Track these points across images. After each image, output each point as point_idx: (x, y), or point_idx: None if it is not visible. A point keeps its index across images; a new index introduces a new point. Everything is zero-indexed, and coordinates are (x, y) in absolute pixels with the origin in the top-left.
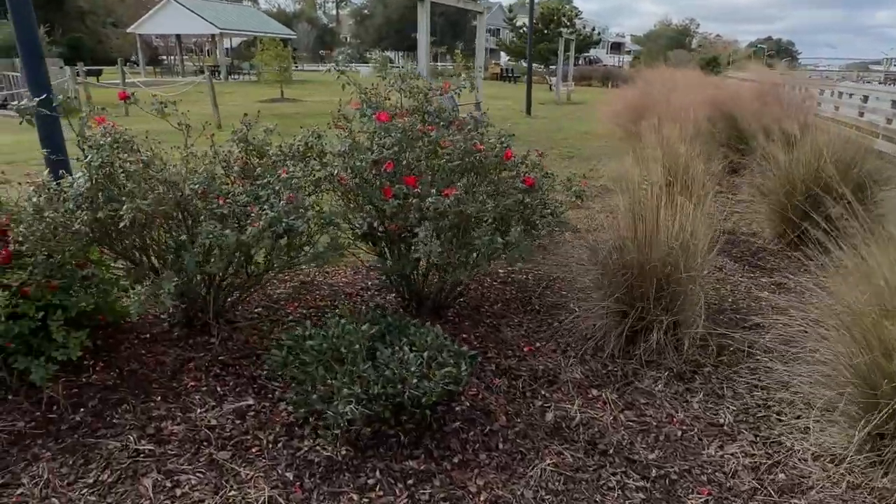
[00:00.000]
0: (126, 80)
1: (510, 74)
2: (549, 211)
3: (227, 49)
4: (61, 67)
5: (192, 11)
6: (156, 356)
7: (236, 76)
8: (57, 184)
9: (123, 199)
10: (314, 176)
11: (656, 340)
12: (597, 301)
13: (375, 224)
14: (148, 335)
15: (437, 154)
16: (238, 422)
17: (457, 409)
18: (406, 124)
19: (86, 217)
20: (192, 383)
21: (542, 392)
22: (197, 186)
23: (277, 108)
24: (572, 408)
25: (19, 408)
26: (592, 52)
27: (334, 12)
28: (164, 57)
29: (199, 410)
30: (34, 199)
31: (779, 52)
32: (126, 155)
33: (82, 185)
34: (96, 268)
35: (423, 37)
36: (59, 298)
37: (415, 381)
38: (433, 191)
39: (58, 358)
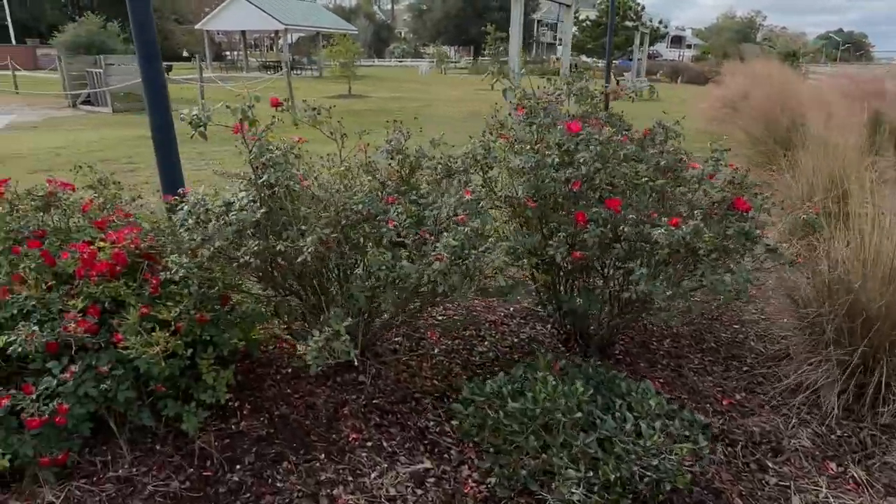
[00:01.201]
0: (203, 76)
1: (575, 69)
2: (768, 243)
3: (284, 44)
4: None
5: (259, 7)
6: (304, 397)
7: (297, 71)
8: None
9: (294, 225)
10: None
11: None
12: (801, 345)
13: (558, 253)
14: (289, 370)
15: (637, 173)
16: (419, 492)
17: (681, 487)
18: (602, 135)
19: (256, 247)
20: (354, 435)
21: (769, 464)
22: (360, 206)
23: (347, 104)
24: (818, 490)
25: (170, 461)
26: (653, 46)
27: (389, 7)
28: (227, 53)
29: (371, 475)
30: (189, 221)
31: (851, 44)
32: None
33: (256, 210)
34: (242, 297)
35: (515, 30)
36: (208, 333)
37: (655, 462)
38: (663, 219)
39: (206, 401)
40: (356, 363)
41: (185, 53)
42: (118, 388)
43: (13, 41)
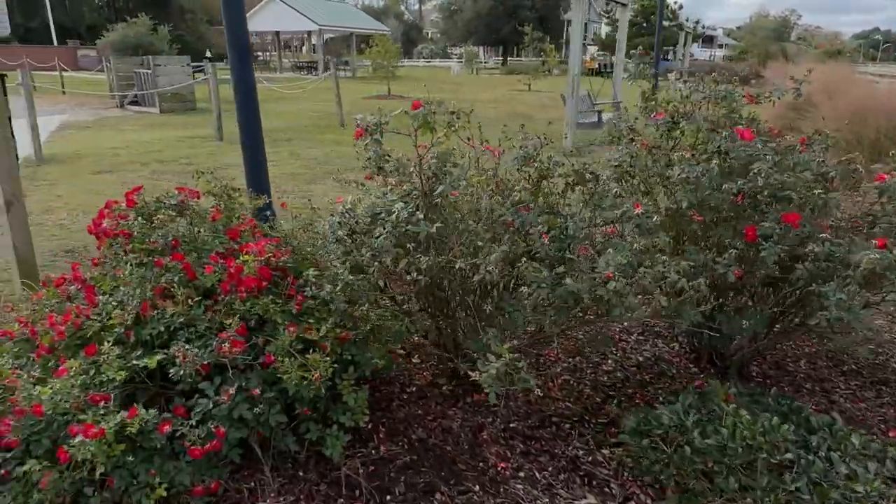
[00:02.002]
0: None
1: (608, 70)
2: None
3: (314, 46)
4: (188, 65)
5: (294, 8)
6: (437, 419)
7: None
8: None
9: (459, 238)
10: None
11: None
12: None
13: (729, 271)
14: (413, 388)
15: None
16: None
17: None
18: (777, 145)
19: (426, 263)
20: (502, 464)
21: None
22: (507, 217)
23: (388, 104)
24: None
25: (317, 490)
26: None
27: (416, 7)
28: (259, 53)
29: None
30: (340, 233)
31: (890, 43)
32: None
33: (418, 222)
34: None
35: (577, 28)
36: (350, 352)
37: None
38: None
39: (345, 424)
40: (535, 391)
41: (207, 53)
42: (269, 411)
43: (55, 42)
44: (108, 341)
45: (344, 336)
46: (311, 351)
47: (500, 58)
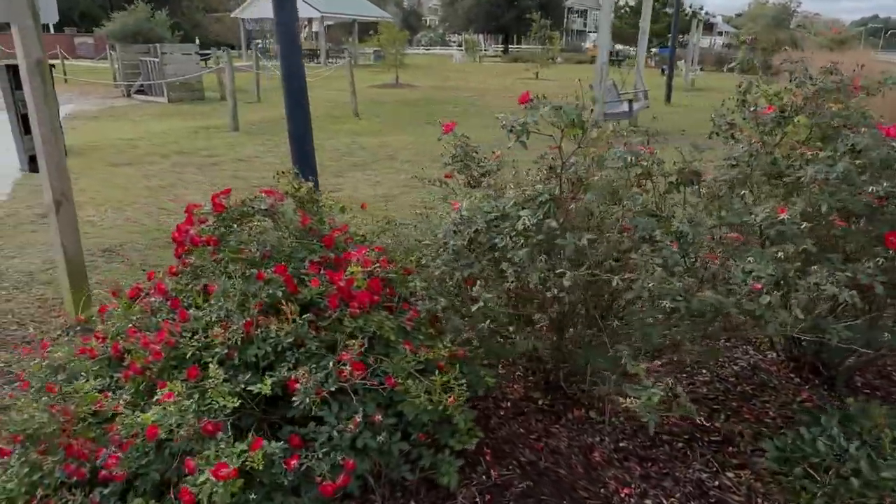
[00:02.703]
0: (260, 65)
1: (615, 58)
2: None
3: (314, 33)
4: (197, 53)
5: None
6: (541, 438)
7: (333, 60)
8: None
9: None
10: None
11: None
12: None
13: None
14: (507, 403)
15: None
16: None
17: None
18: None
19: (570, 280)
20: (624, 490)
21: None
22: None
23: (398, 93)
24: None
25: None
26: (685, 35)
27: None
28: (259, 41)
29: None
30: (455, 242)
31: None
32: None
33: (552, 232)
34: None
35: (606, 14)
36: (462, 370)
37: None
38: None
39: (454, 448)
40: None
41: (196, 41)
42: (390, 438)
43: (52, 30)
44: (210, 362)
45: (462, 354)
46: (423, 371)
47: (501, 46)
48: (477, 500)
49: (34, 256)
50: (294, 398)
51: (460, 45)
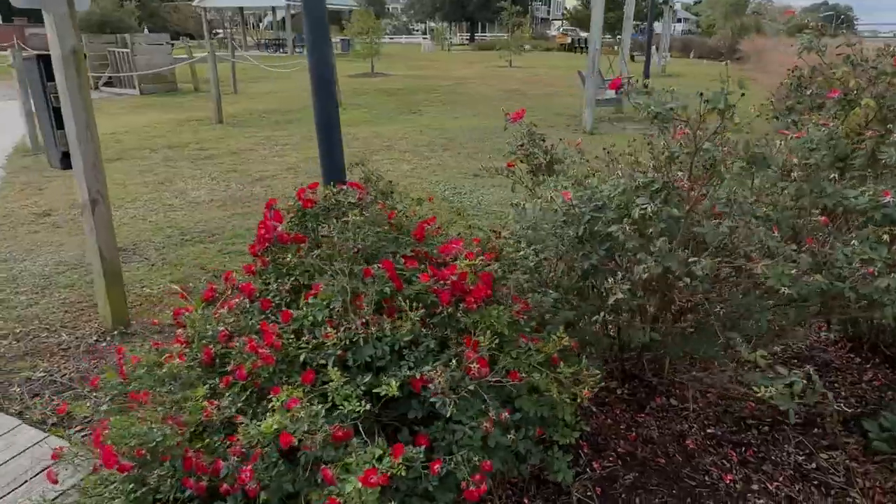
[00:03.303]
0: (236, 55)
1: (581, 45)
2: None
3: (271, 22)
4: (168, 43)
5: None
6: (630, 428)
7: (300, 49)
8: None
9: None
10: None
11: None
12: None
13: None
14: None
15: None
16: None
17: None
18: None
19: (705, 270)
20: (728, 477)
21: None
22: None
23: (377, 83)
24: None
25: None
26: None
27: None
28: (220, 31)
29: None
30: (567, 232)
31: (837, 18)
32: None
33: (716, 227)
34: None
35: (599, 3)
36: (570, 362)
37: None
38: None
39: (560, 442)
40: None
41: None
42: (517, 436)
43: (1, 20)
44: (324, 365)
45: (574, 345)
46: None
47: (468, 34)
48: (589, 493)
49: (45, 258)
50: (424, 397)
51: (425, 34)
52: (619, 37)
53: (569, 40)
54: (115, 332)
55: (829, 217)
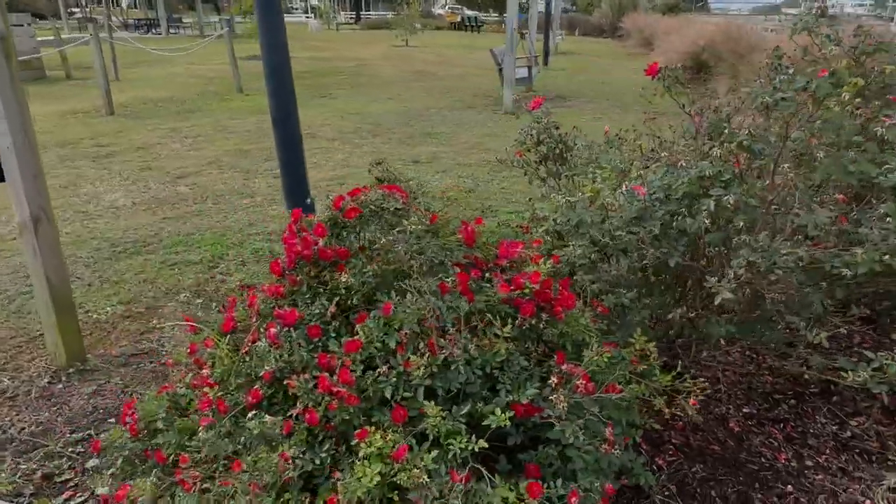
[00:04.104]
0: (114, 35)
1: (472, 23)
2: None
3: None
4: (29, 25)
5: None
6: (674, 416)
7: (175, 30)
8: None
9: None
10: None
11: None
12: None
13: None
14: None
15: None
16: None
17: None
18: None
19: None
20: (782, 456)
21: None
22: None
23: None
24: None
25: None
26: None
27: None
28: (76, 10)
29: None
30: (643, 229)
31: None
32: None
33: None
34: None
35: None
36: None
37: None
38: None
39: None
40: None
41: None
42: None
43: None
44: (410, 397)
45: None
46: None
47: (353, 13)
48: (668, 493)
49: None
50: (521, 422)
51: (307, 13)
52: (504, 16)
53: (458, 18)
54: (71, 370)
55: (852, 196)
